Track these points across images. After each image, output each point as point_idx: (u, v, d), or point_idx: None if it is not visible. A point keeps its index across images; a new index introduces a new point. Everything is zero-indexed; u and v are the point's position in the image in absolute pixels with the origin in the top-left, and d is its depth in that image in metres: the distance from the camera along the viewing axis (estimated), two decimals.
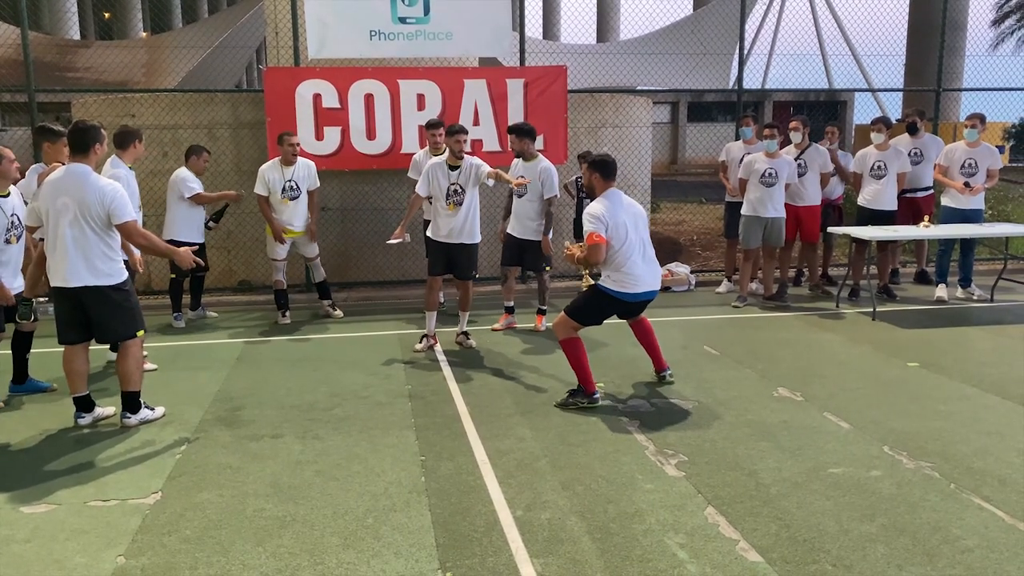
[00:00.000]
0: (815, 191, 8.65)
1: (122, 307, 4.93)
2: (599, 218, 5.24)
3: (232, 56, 34.81)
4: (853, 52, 32.92)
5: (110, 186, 4.80)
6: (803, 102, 31.08)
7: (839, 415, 5.09)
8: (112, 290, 4.87)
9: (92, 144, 4.83)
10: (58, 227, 4.76)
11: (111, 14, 46.58)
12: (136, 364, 5.06)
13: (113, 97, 9.40)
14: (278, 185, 7.65)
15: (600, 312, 5.49)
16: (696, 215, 15.06)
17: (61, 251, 4.78)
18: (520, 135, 7.30)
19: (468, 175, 6.60)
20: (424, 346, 6.83)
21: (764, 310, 8.27)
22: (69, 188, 4.74)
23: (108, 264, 4.85)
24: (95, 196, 4.72)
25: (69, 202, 4.73)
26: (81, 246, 4.75)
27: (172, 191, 7.48)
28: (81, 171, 4.78)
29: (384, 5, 8.68)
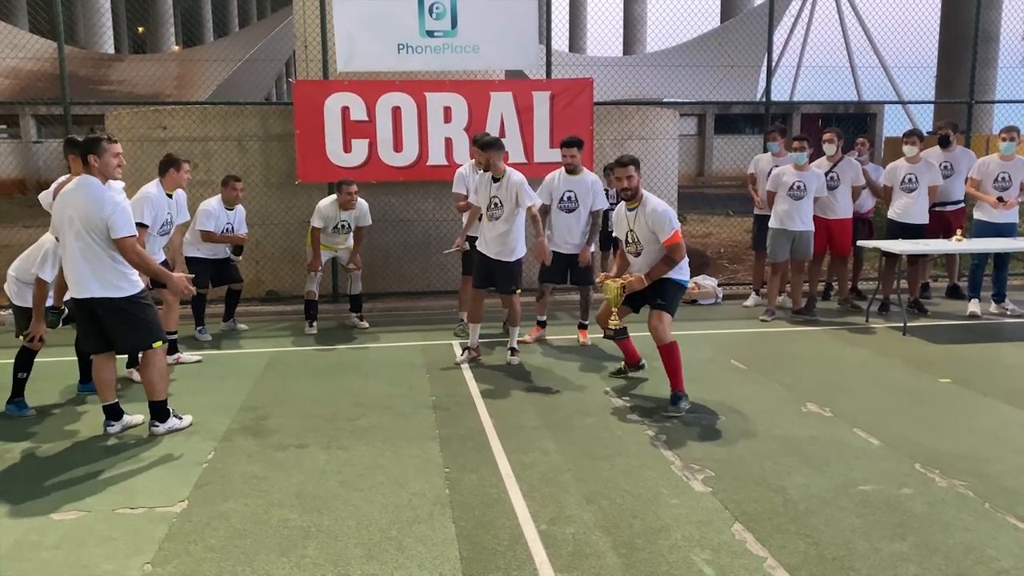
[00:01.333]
0: (847, 204, 8.56)
1: (136, 318, 4.92)
2: (675, 218, 5.62)
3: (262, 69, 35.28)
4: (883, 64, 32.68)
5: (112, 200, 4.76)
6: (832, 114, 30.84)
7: (869, 431, 5.01)
8: (124, 302, 4.87)
9: (87, 155, 4.80)
10: (66, 239, 4.81)
11: (144, 28, 47.44)
12: (159, 374, 5.07)
13: (145, 109, 9.55)
14: (332, 223, 7.87)
15: None
16: (723, 227, 14.97)
17: (70, 263, 4.83)
18: (580, 148, 7.18)
19: (509, 192, 6.52)
20: (466, 358, 6.76)
21: (792, 324, 8.18)
22: (75, 200, 4.78)
23: (118, 276, 4.83)
24: (96, 209, 4.71)
25: (74, 215, 4.76)
26: (88, 258, 4.78)
27: (195, 217, 7.57)
28: (88, 183, 4.79)
29: (412, 19, 8.75)
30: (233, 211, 7.70)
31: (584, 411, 5.49)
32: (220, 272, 7.77)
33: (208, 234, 7.49)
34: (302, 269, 9.23)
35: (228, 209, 7.65)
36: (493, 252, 6.69)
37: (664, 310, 5.58)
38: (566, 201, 7.20)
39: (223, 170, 9.05)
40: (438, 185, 9.25)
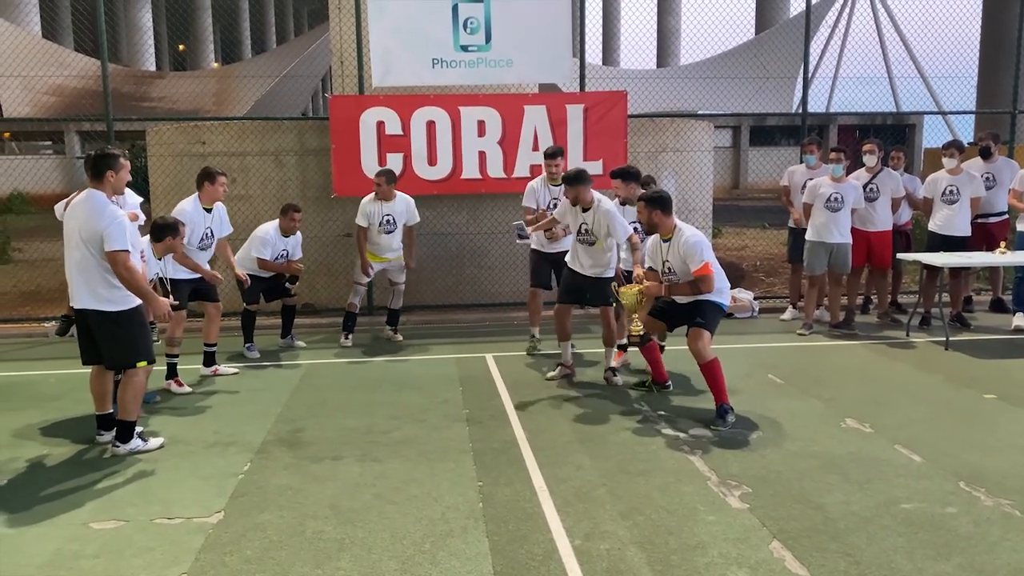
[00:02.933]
0: (886, 216, 8.42)
1: (123, 334, 4.94)
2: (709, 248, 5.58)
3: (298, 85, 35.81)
4: (922, 74, 32.23)
5: (110, 214, 4.81)
6: (870, 125, 30.45)
7: (910, 447, 4.90)
8: (114, 316, 4.89)
9: (105, 171, 4.90)
10: (67, 249, 4.92)
11: (185, 46, 48.44)
12: (133, 395, 5.01)
13: (185, 125, 9.72)
14: (376, 218, 7.83)
15: None
16: (759, 240, 14.82)
17: (69, 273, 4.94)
18: (626, 179, 6.78)
19: (599, 223, 6.23)
20: (559, 374, 6.57)
21: (830, 338, 8.05)
22: (78, 213, 4.88)
23: (109, 290, 4.86)
24: (95, 222, 4.78)
25: (75, 226, 4.85)
26: (82, 269, 4.85)
27: (250, 239, 7.62)
28: (93, 197, 4.88)
29: (446, 33, 8.81)
30: (289, 238, 7.69)
31: (618, 425, 5.44)
32: (271, 288, 7.73)
33: (263, 262, 7.49)
34: (338, 282, 9.34)
35: (284, 236, 7.64)
36: (589, 270, 6.47)
37: (703, 328, 5.52)
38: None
39: (260, 184, 9.18)
40: (472, 199, 9.30)
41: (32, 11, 33.44)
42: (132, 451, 5.01)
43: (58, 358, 7.56)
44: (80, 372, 5.94)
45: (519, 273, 9.59)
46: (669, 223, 5.62)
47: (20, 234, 15.05)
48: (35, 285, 11.32)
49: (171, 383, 6.37)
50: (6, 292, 11.13)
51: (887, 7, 32.82)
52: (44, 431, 5.51)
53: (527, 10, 8.93)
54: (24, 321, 9.16)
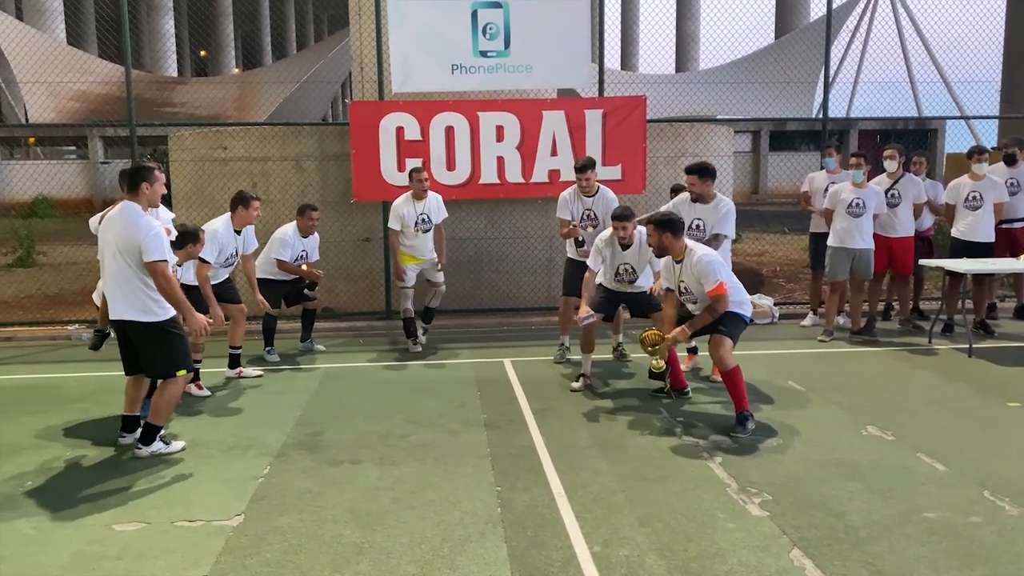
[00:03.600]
0: (908, 222, 8.35)
1: (162, 345, 4.97)
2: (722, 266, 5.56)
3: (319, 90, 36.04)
4: (944, 78, 31.95)
5: (146, 225, 4.85)
6: (891, 130, 30.21)
7: (933, 456, 4.85)
8: (152, 327, 4.93)
9: (140, 183, 4.94)
10: (105, 261, 4.96)
11: (207, 52, 48.93)
12: (167, 402, 5.05)
13: (207, 130, 9.82)
14: (411, 219, 7.80)
15: None
16: (779, 246, 14.73)
17: (107, 284, 4.99)
18: (703, 176, 6.60)
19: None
20: (581, 385, 6.49)
21: (852, 345, 7.98)
22: (115, 224, 4.91)
23: (147, 301, 4.89)
24: (133, 232, 4.81)
25: (111, 238, 4.88)
26: (119, 281, 4.89)
27: (269, 243, 7.66)
28: (129, 208, 4.92)
29: (466, 39, 8.84)
30: (307, 239, 7.72)
31: (637, 431, 5.42)
32: (292, 292, 7.77)
33: (283, 263, 7.51)
34: (357, 286, 9.39)
35: (303, 237, 7.67)
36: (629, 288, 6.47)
37: (725, 335, 5.49)
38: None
39: (281, 189, 9.25)
40: (490, 204, 9.31)
41: (58, 18, 33.94)
42: (153, 453, 5.05)
43: (81, 361, 7.64)
44: (102, 375, 6.01)
45: (537, 278, 9.61)
46: (680, 245, 5.59)
47: (44, 238, 15.24)
48: (59, 288, 11.46)
49: (192, 386, 6.41)
50: (31, 295, 11.28)
51: (908, 11, 32.59)
52: (67, 433, 5.57)
53: (546, 16, 8.95)
54: (48, 324, 9.27)
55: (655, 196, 8.91)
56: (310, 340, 8.06)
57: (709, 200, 6.60)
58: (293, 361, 7.64)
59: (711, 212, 6.59)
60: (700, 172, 6.67)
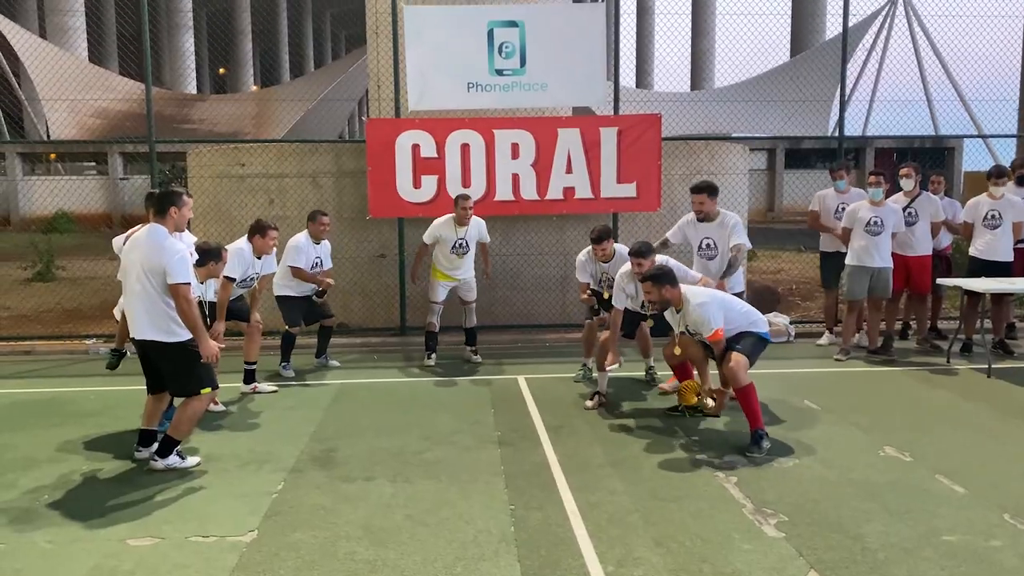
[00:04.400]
0: (926, 241, 8.30)
1: (185, 365, 5.01)
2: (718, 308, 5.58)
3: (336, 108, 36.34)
4: (961, 97, 31.77)
5: (171, 247, 4.93)
6: (908, 148, 30.07)
7: (952, 478, 4.79)
8: (173, 347, 4.97)
9: (169, 207, 5.03)
10: (129, 281, 5.00)
11: (225, 69, 49.49)
12: (190, 418, 5.09)
13: (225, 147, 9.91)
14: (449, 242, 7.87)
15: None
16: (794, 264, 14.65)
17: (130, 304, 5.03)
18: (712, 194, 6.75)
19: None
20: (595, 404, 6.43)
21: (869, 364, 7.92)
22: (141, 246, 5.00)
23: (169, 322, 4.93)
24: (157, 255, 4.89)
25: (137, 258, 4.95)
26: (143, 301, 4.93)
27: (284, 253, 7.69)
28: (155, 231, 5.00)
29: (482, 57, 8.90)
30: (320, 245, 7.73)
31: (652, 449, 5.39)
32: (312, 310, 7.78)
33: (298, 271, 7.51)
34: (372, 302, 9.42)
35: (315, 243, 7.69)
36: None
37: (740, 353, 5.49)
38: (705, 248, 7.00)
39: (297, 206, 9.30)
40: (504, 220, 9.33)
41: (80, 37, 34.45)
42: (168, 466, 5.06)
43: (98, 375, 7.69)
44: (119, 389, 6.05)
45: (552, 294, 9.60)
46: (677, 293, 5.63)
47: (64, 252, 15.38)
48: (77, 303, 11.56)
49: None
50: (49, 309, 11.38)
51: (925, 29, 32.49)
52: (84, 447, 5.60)
53: (562, 35, 9.00)
54: (66, 338, 9.35)
55: (670, 214, 8.90)
56: (325, 356, 8.08)
57: (714, 217, 6.61)
58: (308, 377, 7.66)
59: (719, 229, 6.61)
60: (709, 191, 6.69)
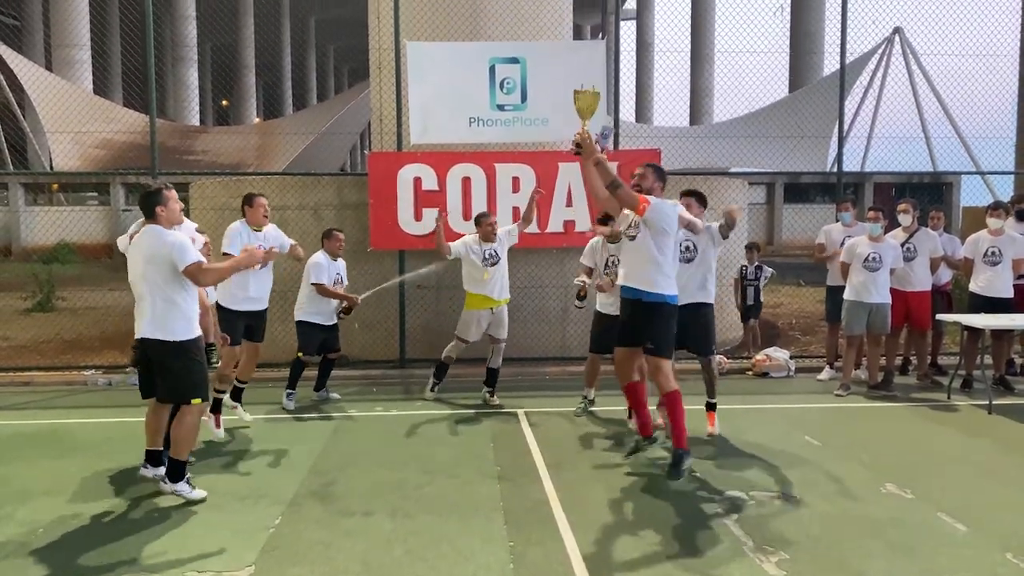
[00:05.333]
0: (925, 276, 8.33)
1: (180, 365, 5.04)
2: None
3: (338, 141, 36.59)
4: (959, 133, 31.98)
5: (170, 237, 5.04)
6: (906, 184, 30.26)
7: (954, 515, 4.76)
8: (171, 346, 5.00)
9: (155, 207, 5.09)
10: (132, 282, 5.12)
11: (228, 101, 49.95)
12: (187, 432, 5.09)
13: (227, 179, 9.99)
14: (479, 256, 7.62)
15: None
16: (794, 298, 14.68)
17: (137, 304, 5.12)
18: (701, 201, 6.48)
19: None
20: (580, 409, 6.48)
21: (869, 400, 7.90)
22: (142, 245, 5.09)
23: (171, 319, 5.00)
24: (157, 246, 4.99)
25: (138, 255, 5.07)
26: (145, 300, 5.03)
27: (304, 273, 7.68)
28: (151, 230, 5.09)
29: (483, 93, 9.00)
30: (337, 262, 7.73)
31: (652, 486, 5.36)
32: (326, 341, 7.73)
33: (322, 287, 7.46)
34: (372, 335, 9.41)
35: (333, 260, 7.69)
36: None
37: (656, 355, 5.34)
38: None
39: (299, 237, 9.25)
40: None
41: (85, 69, 34.82)
42: (177, 492, 5.07)
43: (97, 406, 7.68)
44: (119, 421, 6.03)
45: (552, 327, 9.61)
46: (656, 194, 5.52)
47: (64, 283, 15.43)
48: (76, 333, 11.57)
49: (210, 420, 6.43)
50: (49, 340, 11.37)
51: (922, 67, 32.81)
52: (82, 480, 5.55)
53: (562, 71, 9.08)
54: (65, 369, 9.33)
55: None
56: (325, 389, 8.03)
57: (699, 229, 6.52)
58: (307, 410, 7.63)
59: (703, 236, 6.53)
60: (699, 196, 6.50)
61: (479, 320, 7.72)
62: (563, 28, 10.84)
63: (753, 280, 10.07)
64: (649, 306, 5.36)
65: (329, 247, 7.70)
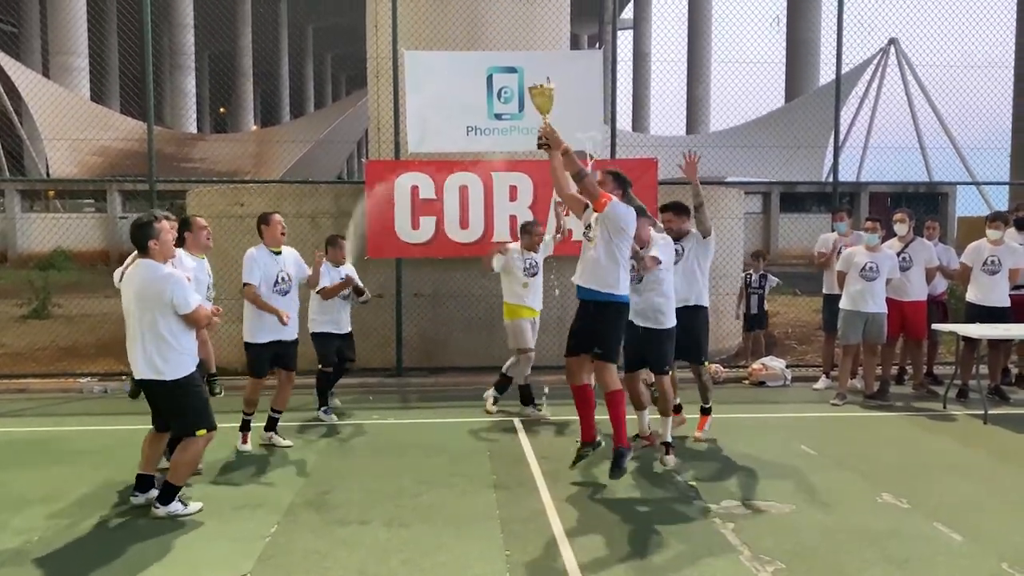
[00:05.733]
0: (921, 286, 8.36)
1: (181, 402, 4.97)
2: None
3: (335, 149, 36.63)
4: (954, 144, 32.11)
5: (165, 277, 4.88)
6: (901, 194, 30.35)
7: (950, 525, 4.77)
8: (164, 385, 4.92)
9: (147, 242, 4.90)
10: (126, 319, 4.97)
11: (226, 109, 50.01)
12: (188, 463, 5.01)
13: (225, 187, 9.99)
14: (520, 266, 7.53)
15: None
16: (790, 307, 14.69)
17: (129, 342, 4.99)
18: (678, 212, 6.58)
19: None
20: (638, 445, 6.16)
21: (865, 409, 7.91)
22: (133, 281, 4.94)
23: (162, 359, 4.87)
24: (150, 287, 4.85)
25: (131, 294, 4.92)
26: (137, 339, 4.89)
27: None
28: (144, 265, 4.93)
29: (481, 102, 9.03)
30: (340, 268, 7.54)
31: (648, 495, 5.37)
32: (340, 348, 7.58)
33: (324, 291, 7.26)
34: (369, 343, 9.35)
35: (335, 267, 7.48)
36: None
37: (604, 360, 5.43)
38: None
39: (297, 245, 9.20)
40: None
41: (83, 76, 34.84)
42: (171, 514, 4.95)
43: (93, 414, 7.66)
44: (115, 429, 6.02)
45: (550, 336, 9.56)
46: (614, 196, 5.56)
47: (61, 290, 15.38)
48: (72, 340, 11.53)
49: (241, 436, 6.44)
50: (44, 347, 11.34)
51: (917, 78, 32.98)
52: (77, 488, 5.53)
53: (559, 80, 8.99)
54: (61, 376, 9.31)
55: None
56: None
57: (685, 234, 6.52)
58: (303, 418, 7.62)
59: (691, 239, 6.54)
60: (675, 209, 6.61)
61: (530, 326, 7.62)
62: (561, 38, 10.89)
63: (757, 288, 10.04)
64: (601, 305, 5.43)
65: (333, 256, 7.47)
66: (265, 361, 6.45)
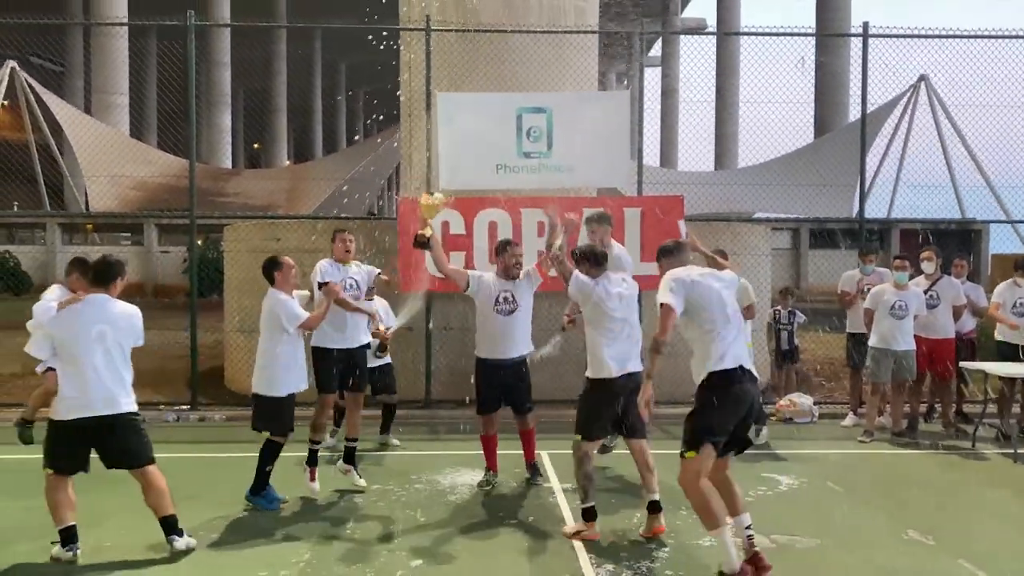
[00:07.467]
0: (948, 324, 8.35)
1: (133, 434, 4.95)
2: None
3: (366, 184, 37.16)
4: (987, 180, 31.81)
5: (133, 309, 5.05)
6: (933, 231, 30.04)
7: (977, 564, 4.76)
8: (123, 418, 4.89)
9: (116, 278, 5.05)
10: (92, 355, 4.79)
11: (260, 144, 51.04)
12: (159, 490, 4.96)
13: (261, 222, 10.27)
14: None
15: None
16: (819, 344, 14.59)
17: (93, 380, 4.79)
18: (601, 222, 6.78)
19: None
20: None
21: (893, 446, 7.88)
22: (105, 316, 4.87)
23: (128, 391, 4.94)
24: (126, 321, 4.96)
25: (107, 329, 4.84)
26: (110, 372, 4.83)
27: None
28: (104, 300, 4.95)
29: (510, 141, 9.25)
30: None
31: (674, 528, 5.38)
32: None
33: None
34: (399, 376, 9.47)
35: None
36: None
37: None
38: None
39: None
40: None
41: (123, 113, 35.85)
42: (189, 546, 4.95)
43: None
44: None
45: (576, 368, 9.65)
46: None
47: None
48: None
49: (308, 472, 6.16)
50: None
51: (949, 115, 32.84)
52: (112, 514, 5.61)
53: (587, 119, 9.33)
54: None
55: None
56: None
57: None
58: (334, 448, 7.74)
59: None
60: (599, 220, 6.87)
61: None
62: (589, 77, 11.10)
63: (786, 324, 10.07)
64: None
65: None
66: (333, 375, 6.29)
